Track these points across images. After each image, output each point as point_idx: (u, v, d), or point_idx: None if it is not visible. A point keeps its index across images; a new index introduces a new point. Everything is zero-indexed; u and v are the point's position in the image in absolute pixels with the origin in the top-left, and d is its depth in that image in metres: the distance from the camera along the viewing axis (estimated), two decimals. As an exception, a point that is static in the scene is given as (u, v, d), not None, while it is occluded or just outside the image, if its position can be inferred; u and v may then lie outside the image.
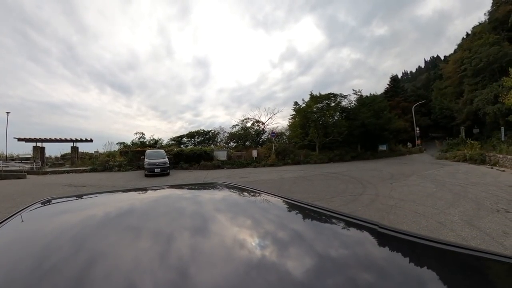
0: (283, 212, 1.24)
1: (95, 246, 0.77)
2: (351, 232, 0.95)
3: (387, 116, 31.92)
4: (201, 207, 1.24)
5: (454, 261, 0.72)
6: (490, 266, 0.70)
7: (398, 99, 59.35)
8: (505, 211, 5.92)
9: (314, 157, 24.41)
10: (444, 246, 0.75)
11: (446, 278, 0.62)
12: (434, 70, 71.98)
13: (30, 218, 1.09)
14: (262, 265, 0.65)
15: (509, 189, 8.45)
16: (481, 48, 38.36)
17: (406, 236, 0.82)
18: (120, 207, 1.28)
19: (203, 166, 21.51)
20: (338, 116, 29.53)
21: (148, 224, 0.96)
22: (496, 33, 40.32)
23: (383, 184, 10.30)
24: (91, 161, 24.38)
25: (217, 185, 1.89)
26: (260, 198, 1.43)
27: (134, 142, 31.20)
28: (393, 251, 0.79)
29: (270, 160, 22.56)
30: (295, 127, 29.94)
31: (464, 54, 43.69)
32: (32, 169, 21.36)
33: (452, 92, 50.40)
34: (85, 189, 11.47)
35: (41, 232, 0.92)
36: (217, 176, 16.37)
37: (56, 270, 0.63)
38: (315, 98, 27.73)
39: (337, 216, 1.04)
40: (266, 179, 13.66)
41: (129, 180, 15.21)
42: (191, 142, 36.36)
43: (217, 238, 0.84)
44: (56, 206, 1.38)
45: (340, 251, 0.77)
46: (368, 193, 8.45)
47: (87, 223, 0.99)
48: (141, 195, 1.66)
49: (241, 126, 36.09)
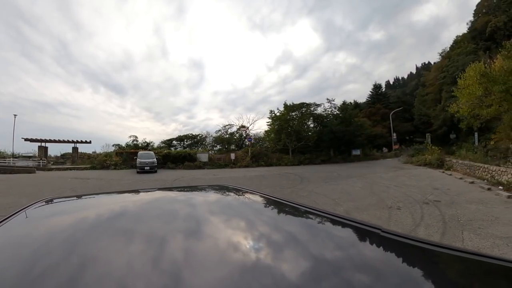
0: (281, 214, 1.24)
1: (92, 247, 0.77)
2: (352, 235, 0.95)
3: (356, 123, 35.37)
4: (204, 209, 1.24)
5: (458, 266, 0.72)
6: (494, 271, 0.69)
7: (379, 106, 62.29)
8: (396, 209, 7.06)
9: (286, 160, 28.07)
10: (448, 251, 0.75)
11: (449, 283, 0.63)
12: (422, 77, 74.84)
13: (26, 220, 1.09)
14: (258, 269, 0.65)
15: (435, 191, 9.35)
16: (458, 57, 41.36)
17: (409, 241, 0.81)
18: (120, 209, 1.27)
19: (187, 166, 25.22)
20: (311, 123, 33.34)
21: (147, 226, 0.97)
22: (474, 43, 43.65)
23: (319, 182, 12.64)
24: (90, 160, 27.90)
25: (218, 187, 1.89)
26: (258, 200, 1.45)
27: (128, 144, 34.78)
28: (396, 255, 0.79)
29: (244, 162, 26.26)
30: (270, 133, 33.78)
31: (444, 63, 46.89)
32: (39, 166, 24.76)
33: (432, 99, 52.63)
34: (89, 181, 14.85)
35: (36, 234, 0.92)
36: (195, 174, 19.88)
37: (51, 271, 0.63)
38: (289, 107, 31.42)
39: (338, 220, 1.03)
40: (232, 176, 17.29)
41: (123, 175, 18.74)
42: (180, 145, 39.92)
43: (215, 241, 0.83)
44: (54, 206, 1.39)
45: (342, 254, 0.77)
46: (298, 187, 11.33)
47: (84, 225, 1.00)
48: (140, 197, 1.66)
49: (223, 131, 39.95)
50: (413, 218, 6.23)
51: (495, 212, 6.42)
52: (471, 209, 6.80)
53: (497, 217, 6.00)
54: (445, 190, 9.45)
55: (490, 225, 5.56)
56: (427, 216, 6.35)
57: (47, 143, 30.43)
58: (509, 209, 6.71)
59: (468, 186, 10.47)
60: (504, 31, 40.19)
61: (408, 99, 68.66)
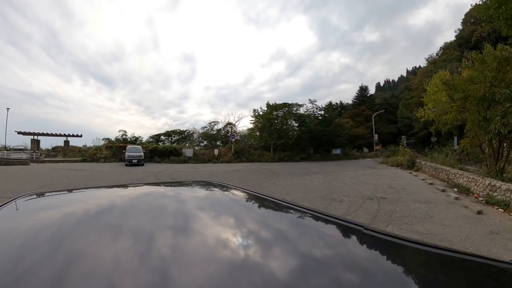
0: (269, 212, 1.26)
1: (77, 243, 0.76)
2: (336, 233, 0.97)
3: (336, 124, 37.22)
4: (193, 206, 1.25)
5: (438, 263, 0.74)
6: (472, 268, 0.72)
7: (363, 107, 63.86)
8: (338, 201, 7.60)
9: (266, 157, 30.15)
10: (429, 249, 0.79)
11: (429, 280, 0.64)
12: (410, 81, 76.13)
13: (7, 215, 1.07)
14: (245, 265, 0.66)
15: (388, 190, 9.71)
16: (442, 63, 42.40)
17: (391, 238, 0.84)
18: (106, 204, 1.26)
19: (172, 160, 27.13)
20: (293, 123, 35.47)
21: (133, 221, 0.97)
22: (460, 50, 44.89)
23: (286, 177, 14.24)
24: (81, 154, 29.45)
25: (206, 184, 1.90)
26: (246, 198, 1.48)
27: (117, 139, 36.41)
28: (378, 252, 0.82)
29: (227, 158, 28.28)
30: (253, 131, 35.99)
31: (430, 68, 48.40)
32: (32, 158, 26.16)
33: (416, 103, 52.29)
34: (81, 172, 16.55)
35: (18, 230, 0.89)
36: (178, 167, 21.75)
37: (35, 267, 0.61)
38: (272, 106, 33.53)
39: (322, 217, 1.05)
40: (212, 170, 19.28)
41: (113, 167, 20.62)
42: (168, 140, 41.72)
43: (202, 237, 0.84)
44: (37, 201, 1.37)
45: (325, 251, 0.79)
46: (264, 180, 13.11)
47: (70, 219, 0.98)
48: (126, 192, 1.64)
49: (209, 127, 42.09)
50: (347, 210, 6.80)
51: (433, 211, 6.65)
52: (412, 207, 7.08)
53: (432, 215, 6.26)
54: (399, 189, 9.78)
55: (419, 222, 5.82)
56: (362, 209, 6.85)
57: (39, 136, 31.87)
58: (449, 209, 6.89)
59: (425, 186, 10.83)
60: (488, 40, 42.18)
61: (395, 101, 69.44)
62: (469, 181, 9.72)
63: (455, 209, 6.85)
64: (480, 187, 8.70)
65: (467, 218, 6.05)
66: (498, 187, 7.66)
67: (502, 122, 8.30)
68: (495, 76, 9.18)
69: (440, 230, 5.25)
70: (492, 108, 9.23)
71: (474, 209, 6.64)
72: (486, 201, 7.64)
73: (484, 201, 7.69)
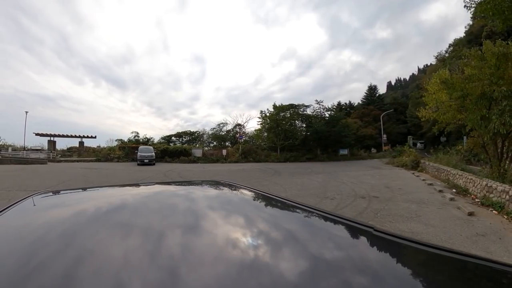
0: (278, 212, 1.25)
1: (88, 241, 0.77)
2: (346, 234, 0.97)
3: (342, 124, 37.10)
4: (202, 205, 1.25)
5: (450, 267, 0.73)
6: (485, 272, 0.70)
7: (371, 107, 63.47)
8: (330, 199, 7.70)
9: (273, 157, 30.84)
10: (441, 252, 0.76)
11: (440, 283, 0.64)
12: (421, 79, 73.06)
13: (20, 214, 1.08)
14: (255, 265, 0.66)
15: (384, 189, 9.66)
16: (451, 61, 42.19)
17: (401, 240, 0.82)
18: (117, 202, 1.28)
19: (182, 160, 28.24)
20: (300, 124, 36.13)
21: (143, 219, 0.98)
22: (469, 47, 42.74)
23: (287, 176, 14.58)
24: (95, 154, 30.85)
25: (215, 183, 1.92)
26: (255, 197, 1.47)
27: (130, 139, 37.69)
28: (388, 254, 0.81)
29: (234, 158, 29.16)
30: (261, 132, 36.85)
31: (438, 66, 46.98)
32: (49, 158, 27.61)
33: (424, 102, 53.91)
34: (96, 170, 17.64)
35: (30, 228, 0.91)
36: (187, 167, 22.66)
37: (47, 265, 0.63)
38: (279, 107, 34.24)
39: (332, 218, 1.05)
40: (218, 169, 20.14)
41: (126, 166, 21.80)
42: (179, 141, 43.04)
43: (212, 236, 0.85)
44: (50, 200, 1.39)
45: (335, 252, 0.78)
46: (265, 178, 13.58)
47: (81, 218, 1.00)
48: (137, 191, 1.68)
49: (218, 129, 43.22)
50: (336, 207, 6.92)
51: (423, 211, 6.59)
52: (401, 207, 7.04)
53: (419, 215, 6.22)
54: (395, 189, 9.72)
55: (404, 221, 5.79)
56: (350, 207, 6.95)
57: (55, 137, 33.51)
58: (440, 210, 6.80)
59: (423, 187, 10.68)
60: (500, 36, 40.91)
61: (405, 101, 68.50)
62: (467, 182, 9.55)
63: (446, 210, 6.77)
64: (478, 188, 8.50)
65: (456, 219, 5.95)
66: (494, 189, 7.44)
67: (500, 121, 8.14)
68: (493, 73, 8.93)
69: (422, 230, 5.21)
70: (493, 106, 9.01)
71: (466, 211, 6.52)
72: (482, 202, 7.54)
73: (480, 203, 7.58)
